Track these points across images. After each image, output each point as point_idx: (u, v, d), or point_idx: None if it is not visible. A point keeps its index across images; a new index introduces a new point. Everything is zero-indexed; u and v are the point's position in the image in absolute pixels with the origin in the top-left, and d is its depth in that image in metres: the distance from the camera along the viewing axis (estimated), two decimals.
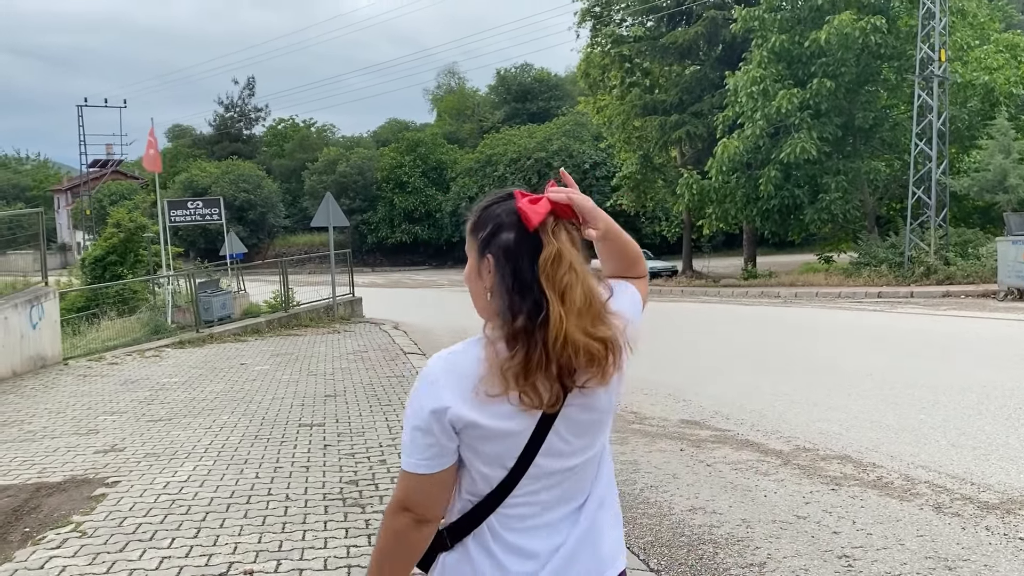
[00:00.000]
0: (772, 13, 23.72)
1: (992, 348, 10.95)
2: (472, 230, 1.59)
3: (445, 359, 1.56)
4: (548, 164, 48.59)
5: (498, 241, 1.53)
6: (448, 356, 1.56)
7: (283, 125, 72.31)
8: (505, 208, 1.57)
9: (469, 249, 1.60)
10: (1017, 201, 19.85)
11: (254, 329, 16.44)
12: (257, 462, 6.29)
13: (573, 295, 1.48)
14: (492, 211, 1.58)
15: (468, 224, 1.62)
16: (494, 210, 1.58)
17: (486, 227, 1.56)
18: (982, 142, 24.15)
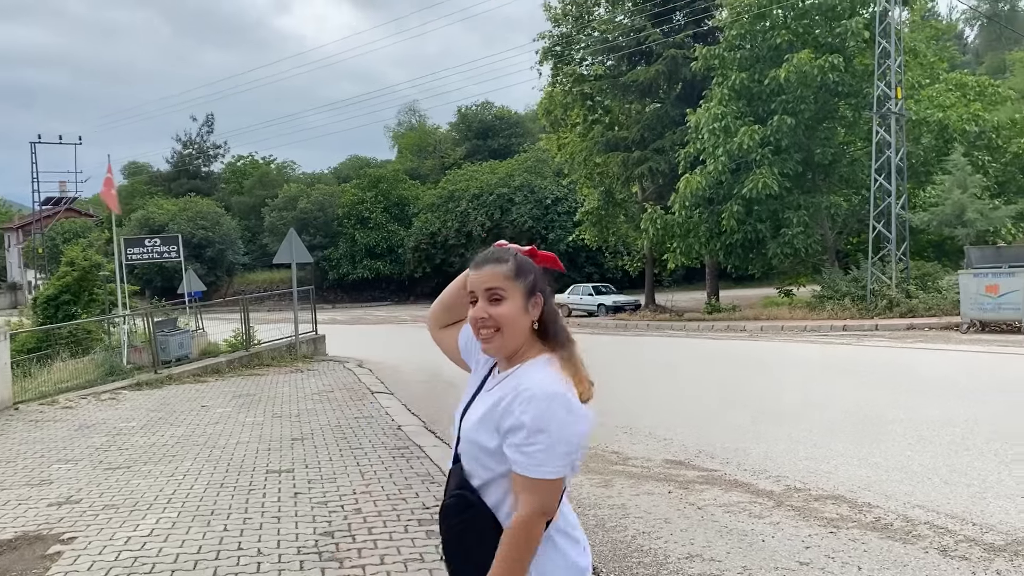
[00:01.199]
0: (732, 52, 24.10)
1: (965, 381, 10.95)
2: (517, 275, 2.02)
3: (565, 382, 1.95)
4: (510, 200, 48.71)
5: (544, 283, 2.07)
6: (560, 382, 1.94)
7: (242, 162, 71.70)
8: (529, 259, 2.10)
9: (510, 289, 2.01)
10: (975, 235, 20.20)
11: (214, 369, 15.94)
12: (224, 513, 5.93)
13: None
14: (526, 260, 2.08)
15: (507, 269, 2.02)
16: (526, 259, 2.08)
17: (531, 272, 2.05)
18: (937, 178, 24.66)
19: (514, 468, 1.91)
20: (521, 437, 1.89)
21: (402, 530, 5.44)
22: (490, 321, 1.99)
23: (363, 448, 8.23)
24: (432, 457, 7.76)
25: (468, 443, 2.03)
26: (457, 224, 50.02)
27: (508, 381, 2.01)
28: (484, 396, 2.10)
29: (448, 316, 2.36)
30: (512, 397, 1.94)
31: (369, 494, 6.40)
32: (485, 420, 1.99)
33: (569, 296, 32.87)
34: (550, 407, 1.87)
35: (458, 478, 2.07)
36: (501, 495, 1.99)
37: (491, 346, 2.02)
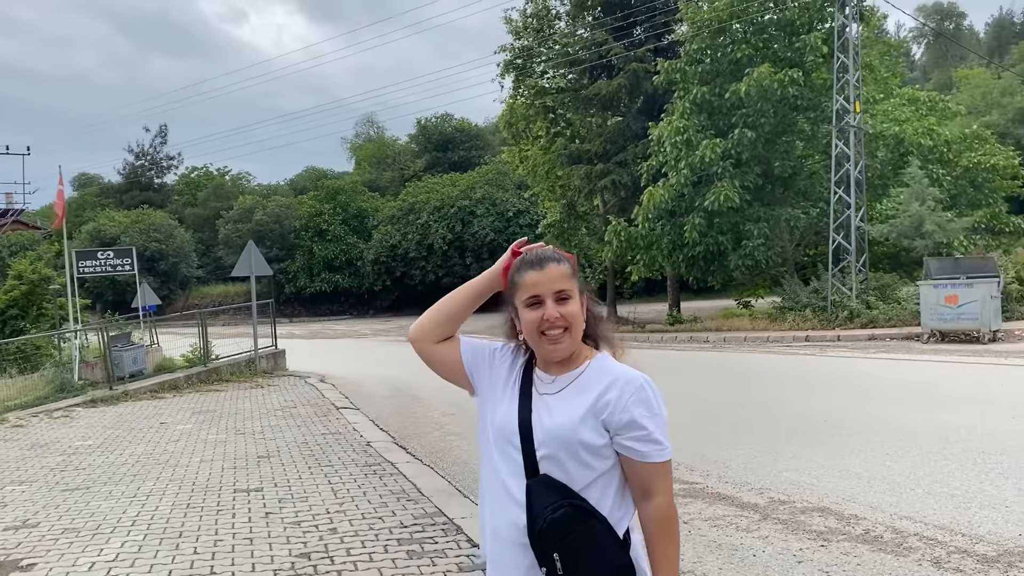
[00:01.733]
0: (693, 66, 24.29)
1: (933, 390, 11.04)
2: (573, 273, 2.03)
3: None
4: (471, 212, 48.56)
5: (586, 285, 2.09)
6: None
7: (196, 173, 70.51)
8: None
9: (572, 288, 2.01)
10: (932, 246, 20.55)
11: (172, 385, 15.51)
12: (193, 535, 5.67)
13: None
14: (573, 260, 2.08)
15: (568, 268, 2.02)
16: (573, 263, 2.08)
17: (577, 272, 2.05)
18: (893, 191, 25.10)
19: (644, 460, 1.94)
20: (645, 427, 1.93)
21: (382, 550, 5.25)
22: (561, 321, 1.97)
23: (333, 465, 8.00)
24: (406, 474, 7.57)
25: (567, 447, 1.95)
26: (418, 237, 49.67)
27: (587, 379, 2.00)
28: (555, 399, 2.00)
29: (447, 329, 2.22)
30: (618, 391, 1.95)
31: (344, 513, 6.19)
32: (588, 418, 1.95)
33: None
34: (653, 393, 1.96)
35: (555, 488, 1.94)
36: (599, 495, 1.95)
37: (560, 347, 1.99)
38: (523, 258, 2.05)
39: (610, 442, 1.94)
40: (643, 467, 1.93)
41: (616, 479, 1.97)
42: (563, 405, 1.98)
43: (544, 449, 1.95)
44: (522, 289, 2.01)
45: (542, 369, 2.06)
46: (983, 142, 30.40)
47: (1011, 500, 5.70)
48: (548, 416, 1.98)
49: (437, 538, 5.47)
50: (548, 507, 1.91)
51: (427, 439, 9.68)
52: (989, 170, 28.80)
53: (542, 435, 1.97)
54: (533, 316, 1.98)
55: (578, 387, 1.99)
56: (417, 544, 5.34)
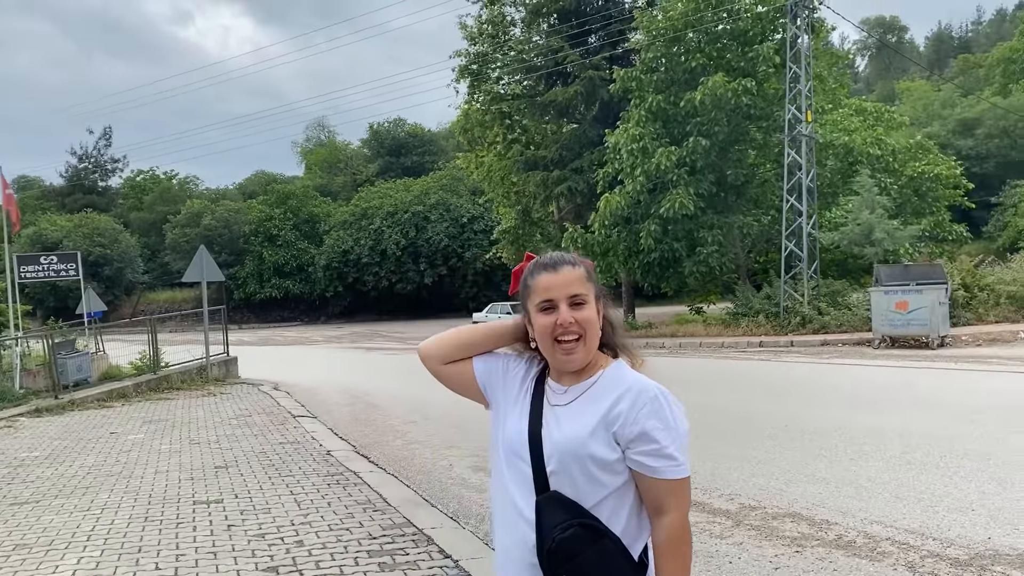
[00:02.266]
0: (648, 74, 24.50)
1: (888, 395, 11.24)
2: (589, 278, 1.94)
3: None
4: (426, 218, 48.34)
5: (604, 291, 2.01)
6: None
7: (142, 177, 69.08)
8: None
9: (588, 293, 1.92)
10: (882, 253, 21.00)
11: (120, 394, 15.07)
12: (154, 550, 5.45)
13: None
14: (590, 265, 1.99)
15: (583, 272, 1.94)
16: (589, 267, 1.99)
17: (594, 278, 1.97)
18: (842, 199, 25.62)
19: (656, 476, 1.83)
20: (657, 441, 1.82)
21: (352, 563, 5.10)
22: (575, 327, 1.88)
23: (294, 475, 7.81)
24: (370, 483, 7.41)
25: (577, 461, 1.85)
26: (371, 242, 49.27)
27: (600, 389, 1.90)
28: (566, 411, 1.91)
29: (459, 357, 2.11)
30: (629, 402, 1.85)
31: (309, 525, 6.02)
32: (599, 431, 1.85)
33: (487, 315, 32.72)
34: (669, 404, 1.85)
35: (565, 506, 1.85)
36: (610, 513, 1.86)
37: (574, 356, 1.89)
38: (537, 260, 1.97)
39: (622, 456, 1.84)
40: (655, 483, 1.83)
41: (630, 496, 1.88)
42: (573, 417, 1.89)
43: (553, 463, 1.87)
44: (535, 293, 1.92)
45: (555, 379, 1.97)
46: (927, 152, 31.28)
47: (976, 503, 5.78)
48: (557, 429, 1.89)
49: (408, 549, 5.34)
50: (557, 526, 1.82)
51: (389, 448, 9.53)
52: (932, 179, 29.63)
53: (551, 449, 1.87)
54: (546, 321, 1.89)
55: (590, 398, 1.89)
56: (388, 556, 5.22)
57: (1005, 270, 21.36)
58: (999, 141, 47.18)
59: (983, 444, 7.53)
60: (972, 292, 19.84)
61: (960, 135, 48.37)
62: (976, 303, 19.67)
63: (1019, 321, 18.81)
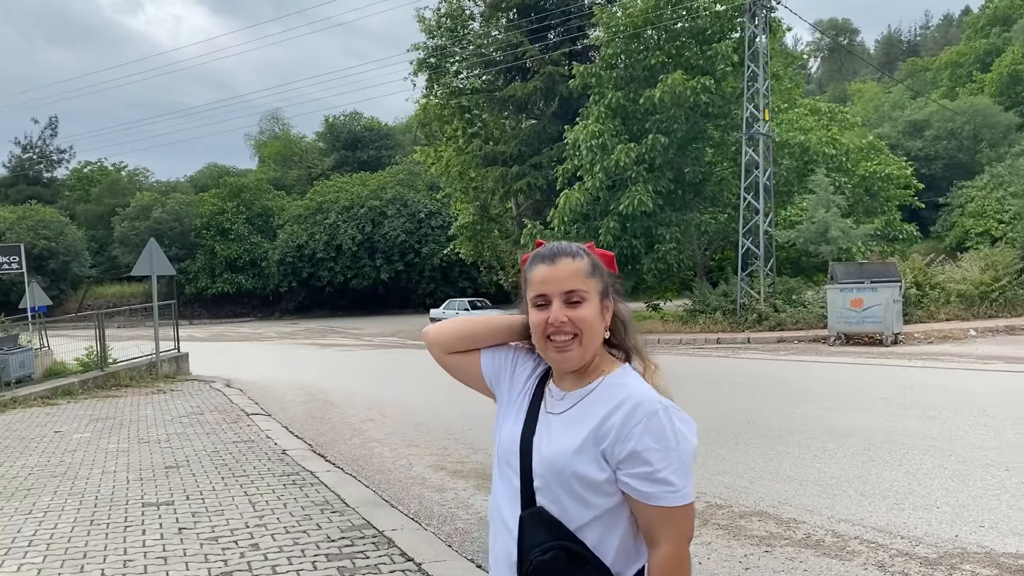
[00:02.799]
0: (608, 71, 24.49)
1: (847, 392, 11.32)
2: (593, 273, 1.75)
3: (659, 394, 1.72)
4: (382, 213, 47.87)
5: (615, 286, 1.82)
6: (656, 392, 1.72)
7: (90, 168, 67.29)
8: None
9: (589, 290, 1.73)
10: (837, 251, 21.27)
11: (66, 391, 14.56)
12: (99, 555, 5.19)
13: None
14: (597, 258, 1.81)
15: (585, 265, 1.75)
16: (596, 258, 1.81)
17: (603, 272, 1.79)
18: (797, 198, 25.91)
19: (648, 501, 1.63)
20: (651, 463, 1.62)
21: (310, 567, 4.91)
22: (568, 327, 1.70)
23: (248, 475, 7.55)
24: (327, 483, 7.20)
25: (561, 479, 1.69)
26: (326, 237, 48.63)
27: (596, 398, 1.73)
28: (560, 420, 1.75)
29: (465, 348, 1.97)
30: (623, 417, 1.65)
31: (265, 527, 5.80)
32: (586, 448, 1.67)
33: (445, 311, 32.50)
34: (671, 422, 1.64)
35: (548, 524, 1.69)
36: (599, 537, 1.68)
37: (568, 357, 1.72)
38: (537, 251, 1.81)
39: (613, 476, 1.66)
40: (648, 510, 1.64)
41: (623, 519, 1.69)
42: (564, 428, 1.73)
43: (539, 478, 1.71)
44: (530, 286, 1.77)
45: (556, 382, 1.82)
46: (878, 152, 31.83)
47: (940, 500, 5.78)
48: (547, 440, 1.73)
49: (368, 552, 5.16)
50: (539, 546, 1.68)
51: (346, 446, 9.31)
52: (884, 179, 30.14)
53: (538, 461, 1.72)
54: (539, 318, 1.73)
55: (585, 407, 1.73)
56: (348, 559, 5.03)
57: (955, 269, 21.80)
58: (947, 143, 48.26)
59: (943, 441, 7.58)
60: (924, 290, 20.21)
61: (909, 136, 49.37)
62: (927, 301, 20.04)
63: (969, 319, 19.20)
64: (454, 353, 1.97)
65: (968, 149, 47.59)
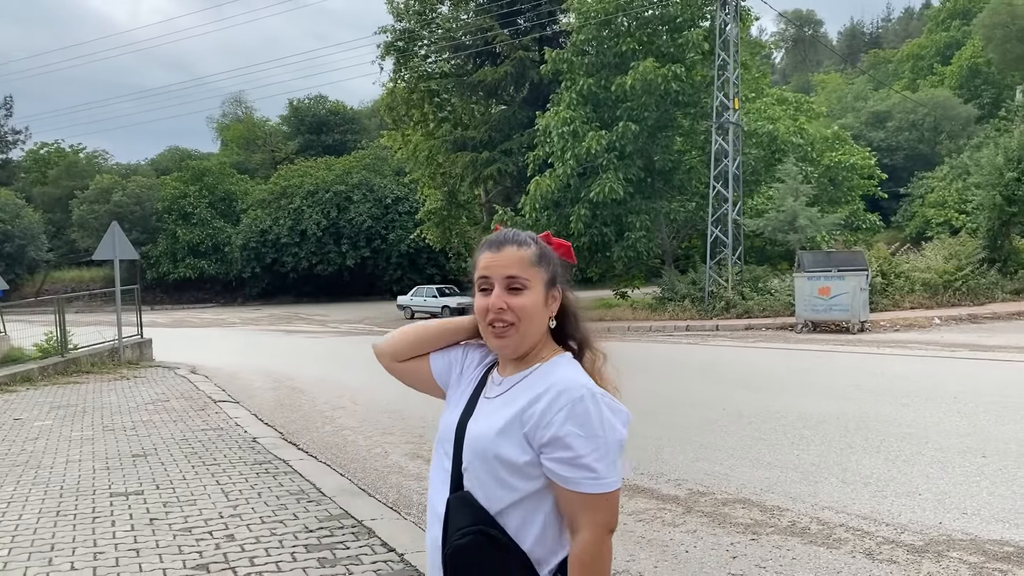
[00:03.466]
0: (579, 56, 24.38)
1: (818, 378, 11.40)
2: (539, 262, 1.76)
3: (591, 382, 1.71)
4: (348, 198, 47.34)
5: (565, 276, 1.82)
6: (589, 379, 1.72)
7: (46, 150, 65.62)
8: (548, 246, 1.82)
9: (533, 278, 1.74)
10: (806, 240, 21.45)
11: (25, 377, 14.17)
12: (68, 547, 5.01)
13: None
14: (547, 247, 1.80)
15: (531, 254, 1.75)
16: (547, 246, 1.81)
17: (552, 261, 1.79)
18: (764, 187, 26.07)
19: (568, 487, 1.63)
20: (573, 448, 1.62)
21: (289, 558, 4.77)
22: (508, 314, 1.72)
23: (219, 464, 7.38)
24: (301, 472, 7.06)
25: (484, 461, 1.70)
26: (290, 222, 48.00)
27: (527, 384, 1.73)
28: (492, 404, 1.77)
29: (415, 353, 1.98)
30: (547, 402, 1.65)
31: (239, 517, 5.65)
32: (509, 430, 1.68)
33: (412, 298, 32.26)
34: (599, 409, 1.64)
35: (471, 508, 1.68)
36: (520, 522, 1.69)
37: (505, 343, 1.74)
38: (487, 237, 1.81)
39: (536, 460, 1.66)
40: (569, 495, 1.64)
41: (547, 504, 1.69)
42: (494, 411, 1.74)
43: (466, 460, 1.73)
44: (476, 271, 1.77)
45: (499, 369, 1.84)
46: (843, 143, 32.18)
47: (922, 488, 5.80)
48: (482, 421, 1.75)
49: (348, 542, 5.04)
50: (460, 530, 1.68)
51: (319, 434, 9.15)
52: (848, 169, 30.48)
53: (466, 444, 1.72)
54: (480, 303, 1.75)
55: (517, 392, 1.74)
56: (328, 550, 4.91)
57: (919, 259, 22.11)
58: (908, 134, 48.99)
59: (918, 428, 7.63)
60: (888, 279, 20.47)
61: (872, 127, 50.03)
62: (892, 290, 20.30)
63: (933, 307, 19.49)
64: (405, 361, 1.98)
65: (929, 140, 48.37)
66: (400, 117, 32.34)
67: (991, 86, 51.18)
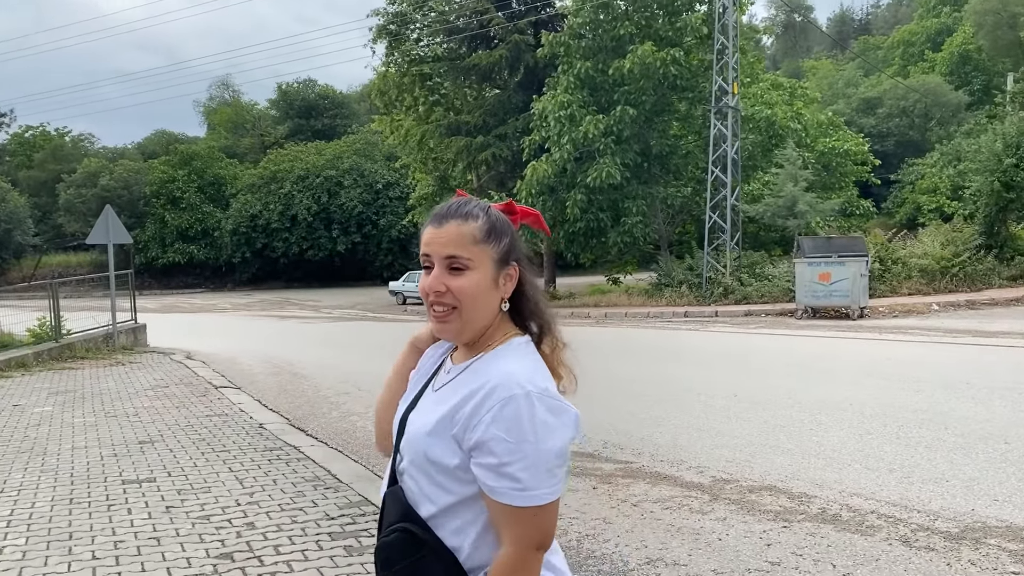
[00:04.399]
0: (576, 40, 24.18)
1: (826, 364, 11.38)
2: (488, 237, 1.56)
3: (545, 377, 1.54)
4: (339, 183, 47.01)
5: (520, 250, 1.61)
6: (544, 374, 1.55)
7: (31, 133, 64.77)
8: (506, 218, 1.62)
9: (477, 257, 1.55)
10: (805, 225, 21.42)
11: (19, 363, 13.98)
12: (87, 536, 4.89)
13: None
14: (501, 219, 1.60)
15: (475, 229, 1.55)
16: (501, 217, 1.60)
17: (505, 235, 1.58)
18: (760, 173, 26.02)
19: (492, 496, 1.47)
20: (497, 455, 1.45)
21: (315, 546, 4.68)
22: (448, 296, 1.54)
23: (229, 451, 7.27)
24: (314, 459, 6.95)
25: (416, 459, 1.57)
26: (280, 207, 47.62)
27: (467, 376, 1.57)
28: (433, 396, 1.63)
29: (394, 407, 1.79)
30: (477, 401, 1.49)
31: (257, 505, 5.55)
32: (440, 430, 1.53)
33: (404, 283, 32.07)
34: (530, 410, 1.44)
35: (400, 505, 1.58)
36: (461, 525, 1.54)
37: (446, 328, 1.58)
38: (434, 209, 1.64)
39: (468, 463, 1.51)
40: (493, 505, 1.48)
41: (487, 511, 1.54)
42: (432, 407, 1.60)
43: (401, 457, 1.61)
44: (421, 246, 1.61)
45: (453, 356, 1.68)
46: (837, 129, 32.17)
47: (947, 474, 5.75)
48: (419, 416, 1.61)
49: (372, 530, 4.94)
50: (389, 526, 1.59)
51: (326, 420, 9.04)
52: (842, 155, 30.47)
53: (404, 442, 1.62)
54: (421, 283, 1.59)
55: (455, 385, 1.58)
56: (352, 538, 4.82)
57: (916, 244, 22.13)
58: (899, 120, 49.06)
59: (935, 414, 7.59)
60: (886, 265, 20.47)
61: (862, 113, 50.05)
62: (889, 276, 20.30)
63: (930, 293, 19.52)
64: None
65: (919, 127, 48.45)
66: (391, 101, 32.03)
67: (981, 73, 51.29)
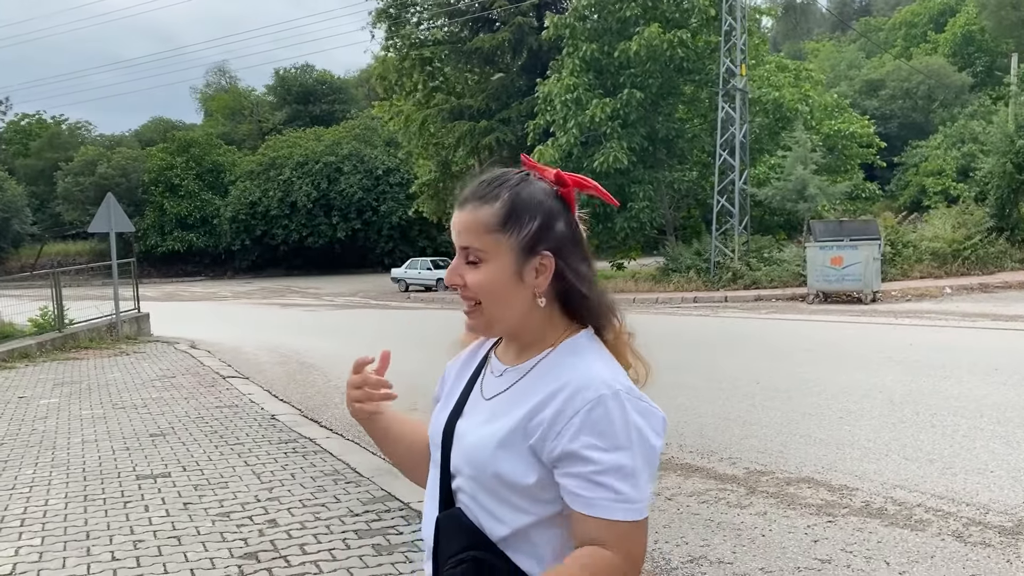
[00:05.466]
0: (581, 22, 23.86)
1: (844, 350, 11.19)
2: (505, 224, 1.31)
3: (625, 375, 1.35)
4: (338, 169, 46.71)
5: (558, 235, 1.35)
6: (623, 371, 1.35)
7: (27, 121, 64.38)
8: (542, 189, 1.37)
9: (492, 248, 1.32)
10: (815, 209, 21.19)
11: (23, 353, 13.79)
12: (104, 535, 4.70)
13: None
14: (530, 198, 1.34)
15: (491, 214, 1.32)
16: (531, 196, 1.35)
17: (532, 219, 1.33)
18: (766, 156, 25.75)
19: (586, 510, 1.25)
20: (592, 462, 1.24)
21: (341, 545, 4.49)
22: (468, 291, 1.35)
23: (243, 443, 7.08)
24: (332, 451, 6.77)
25: (480, 476, 1.33)
26: (280, 193, 47.33)
27: (533, 380, 1.34)
28: (490, 403, 1.39)
29: (415, 452, 1.57)
30: (558, 406, 1.28)
31: (278, 501, 5.36)
32: (511, 442, 1.31)
33: (407, 271, 31.87)
34: (622, 412, 1.25)
35: (465, 531, 1.34)
36: (535, 549, 1.32)
37: (473, 324, 1.39)
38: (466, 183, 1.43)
39: (550, 478, 1.30)
40: (586, 522, 1.26)
41: (567, 528, 1.32)
42: (493, 415, 1.36)
43: (458, 474, 1.37)
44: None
45: (499, 354, 1.45)
46: (842, 111, 31.87)
47: (991, 464, 5.57)
48: (471, 427, 1.38)
49: (401, 527, 4.77)
50: (452, 557, 1.34)
51: (340, 411, 8.82)
52: (848, 137, 30.20)
53: (457, 453, 1.38)
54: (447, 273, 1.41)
55: (520, 390, 1.36)
56: (380, 536, 4.63)
57: (926, 227, 21.93)
58: (902, 102, 48.74)
59: (967, 401, 7.41)
60: (897, 248, 20.28)
61: (865, 95, 49.71)
62: (900, 259, 20.11)
63: (942, 276, 19.34)
64: (408, 456, 1.59)
65: (922, 109, 48.14)
66: (391, 86, 31.69)
67: (985, 54, 50.91)
